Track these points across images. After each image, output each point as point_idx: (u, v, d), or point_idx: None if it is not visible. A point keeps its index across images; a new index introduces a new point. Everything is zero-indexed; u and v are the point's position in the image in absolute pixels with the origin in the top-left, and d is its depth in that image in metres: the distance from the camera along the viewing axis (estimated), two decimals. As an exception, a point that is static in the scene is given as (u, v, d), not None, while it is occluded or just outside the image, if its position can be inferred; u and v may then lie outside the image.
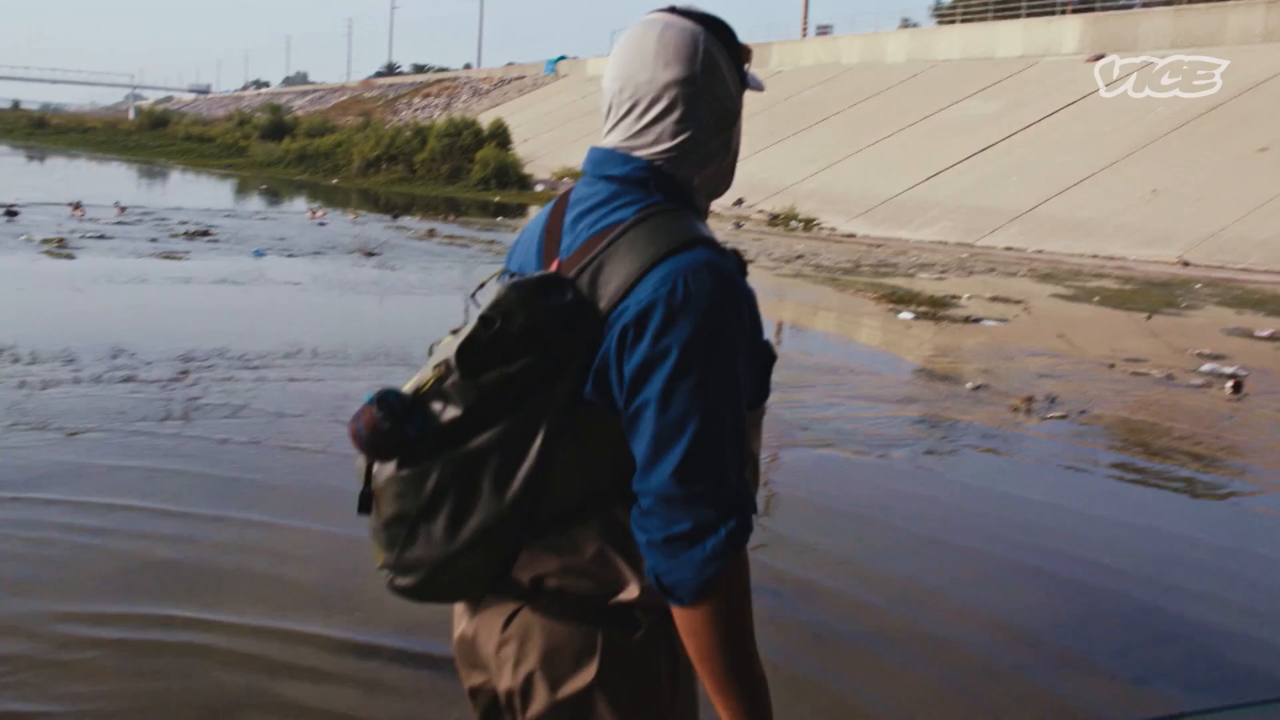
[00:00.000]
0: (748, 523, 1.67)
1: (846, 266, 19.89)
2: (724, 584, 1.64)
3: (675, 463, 1.63)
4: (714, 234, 1.80)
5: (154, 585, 4.75)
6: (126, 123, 75.65)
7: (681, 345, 1.64)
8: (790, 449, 7.53)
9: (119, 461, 6.35)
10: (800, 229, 29.44)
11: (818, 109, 42.15)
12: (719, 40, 1.85)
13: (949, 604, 5.12)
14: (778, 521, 6.10)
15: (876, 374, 10.30)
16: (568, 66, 68.85)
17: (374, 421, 1.70)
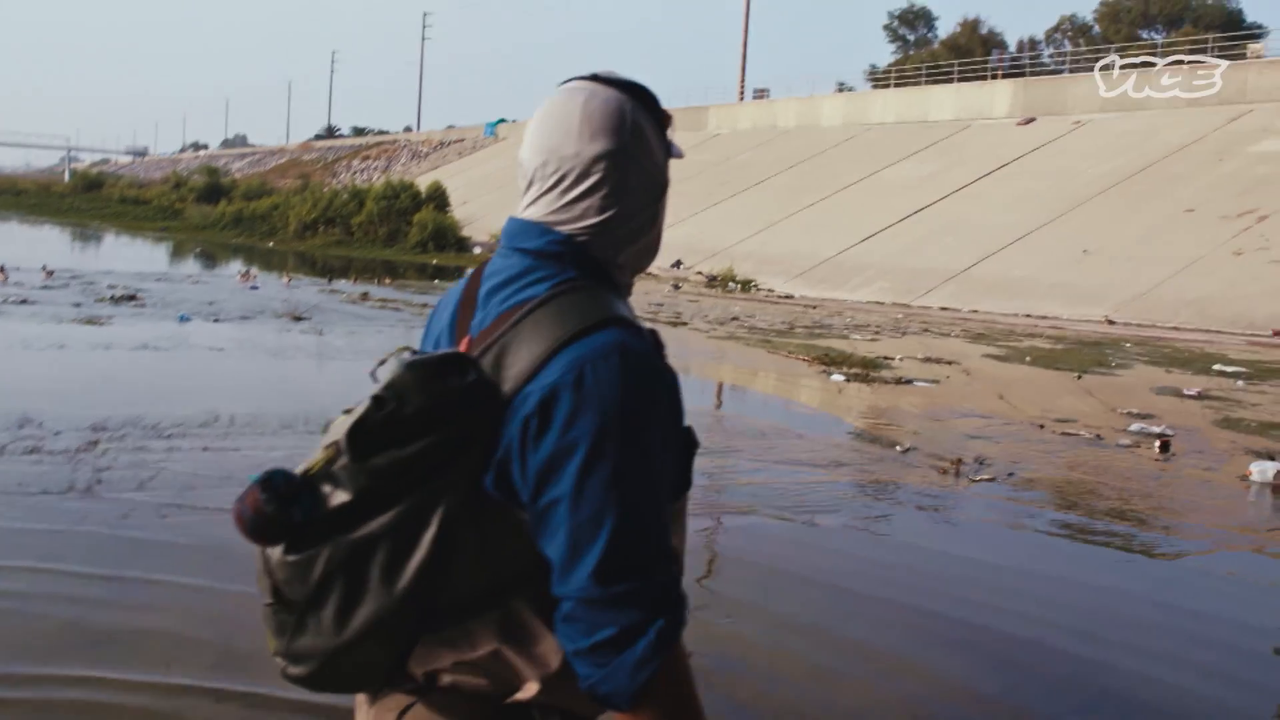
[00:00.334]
0: (679, 619, 1.56)
1: (781, 328, 19.89)
2: (663, 684, 1.54)
3: (594, 563, 1.52)
4: (630, 312, 1.71)
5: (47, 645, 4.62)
6: (61, 185, 74.90)
7: (591, 437, 1.53)
8: (713, 514, 7.39)
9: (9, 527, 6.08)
10: (738, 290, 29.56)
11: (755, 171, 42.55)
12: (644, 108, 1.77)
13: (880, 656, 4.99)
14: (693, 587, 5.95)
15: (806, 437, 10.20)
16: (507, 129, 69.10)
17: (257, 504, 1.58)
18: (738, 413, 11.49)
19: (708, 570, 6.38)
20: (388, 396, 1.57)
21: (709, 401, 12.38)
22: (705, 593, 5.95)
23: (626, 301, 1.78)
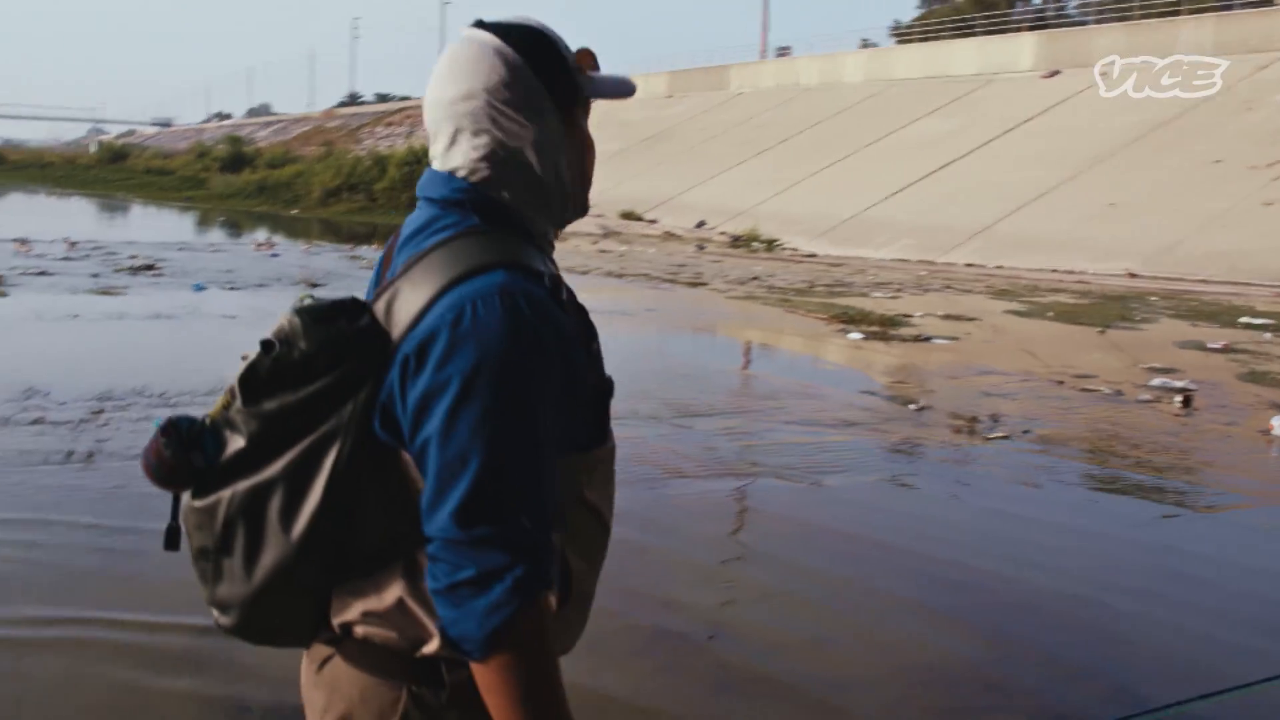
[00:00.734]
0: (540, 571, 1.51)
1: (801, 287, 19.71)
2: (517, 637, 1.49)
3: (456, 503, 1.49)
4: (542, 261, 1.67)
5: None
6: (86, 157, 75.09)
7: (463, 376, 1.50)
8: (718, 475, 7.29)
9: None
10: (762, 250, 29.35)
11: (778, 130, 42.18)
12: (522, 49, 1.68)
13: (883, 623, 4.91)
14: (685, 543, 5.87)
15: (818, 397, 10.08)
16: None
17: (158, 449, 1.60)
18: (748, 372, 11.36)
19: (705, 532, 6.29)
20: (274, 340, 1.57)
21: (719, 361, 12.25)
22: (694, 553, 5.88)
23: (542, 250, 1.72)
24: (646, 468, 7.48)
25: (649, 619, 5.00)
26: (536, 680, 1.51)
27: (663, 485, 7.10)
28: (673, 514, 6.57)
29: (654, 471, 7.41)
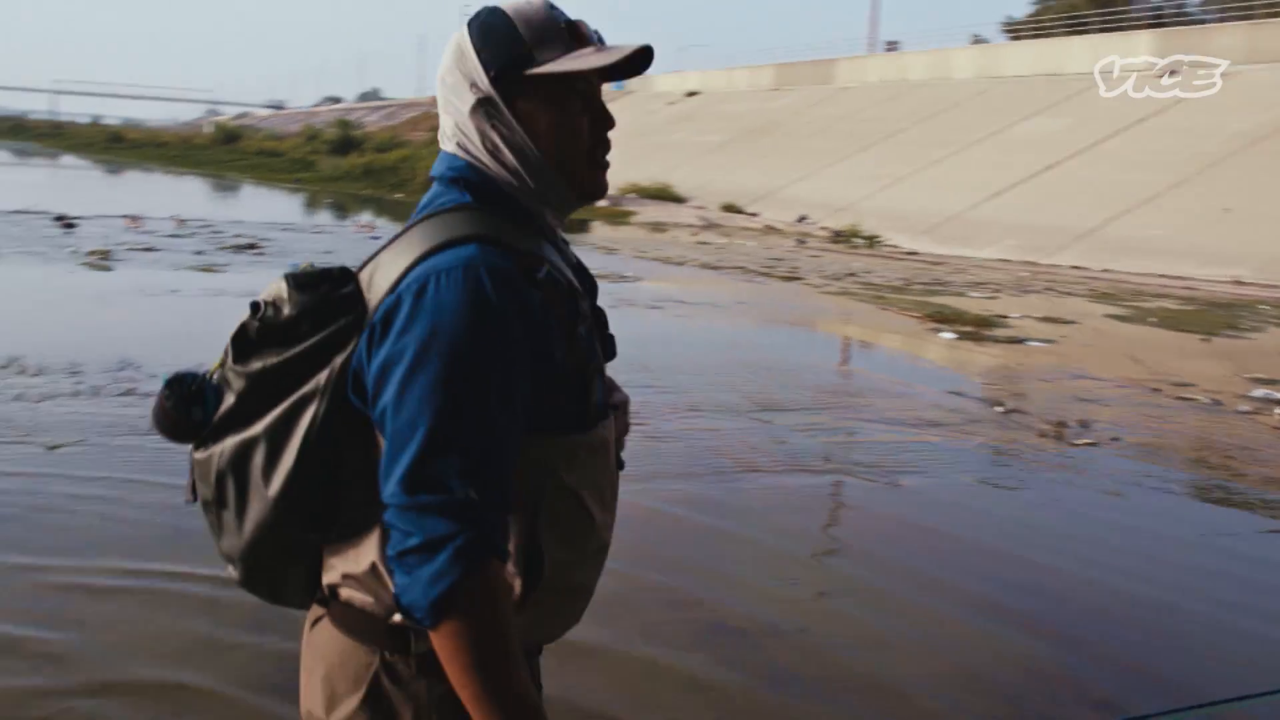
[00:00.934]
0: (486, 540, 1.52)
1: (897, 284, 19.44)
2: (463, 604, 1.50)
3: (403, 470, 1.52)
4: (529, 241, 1.68)
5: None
6: (201, 137, 76.81)
7: (418, 344, 1.53)
8: (789, 473, 7.21)
9: (88, 473, 6.20)
10: (863, 247, 29.03)
11: (884, 125, 41.68)
12: (473, 30, 1.71)
13: (941, 621, 4.81)
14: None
15: (903, 396, 9.92)
16: (635, 83, 68.81)
17: (161, 401, 1.69)
18: (833, 369, 11.22)
19: (771, 524, 6.22)
20: (263, 304, 1.64)
21: (805, 356, 12.12)
22: (757, 551, 5.82)
23: (535, 230, 1.73)
24: (721, 460, 7.44)
25: (703, 614, 4.95)
26: (486, 649, 1.51)
27: (734, 479, 7.04)
28: (738, 507, 6.51)
29: (727, 464, 7.35)
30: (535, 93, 1.69)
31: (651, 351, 11.25)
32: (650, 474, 6.99)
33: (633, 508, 6.44)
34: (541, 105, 1.69)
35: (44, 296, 12.84)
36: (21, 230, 19.80)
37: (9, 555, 5.15)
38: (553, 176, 1.71)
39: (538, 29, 1.68)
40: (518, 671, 1.53)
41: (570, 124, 1.71)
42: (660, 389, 9.42)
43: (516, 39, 1.67)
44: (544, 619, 1.73)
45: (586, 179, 1.74)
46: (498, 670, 1.51)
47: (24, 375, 8.42)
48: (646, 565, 5.45)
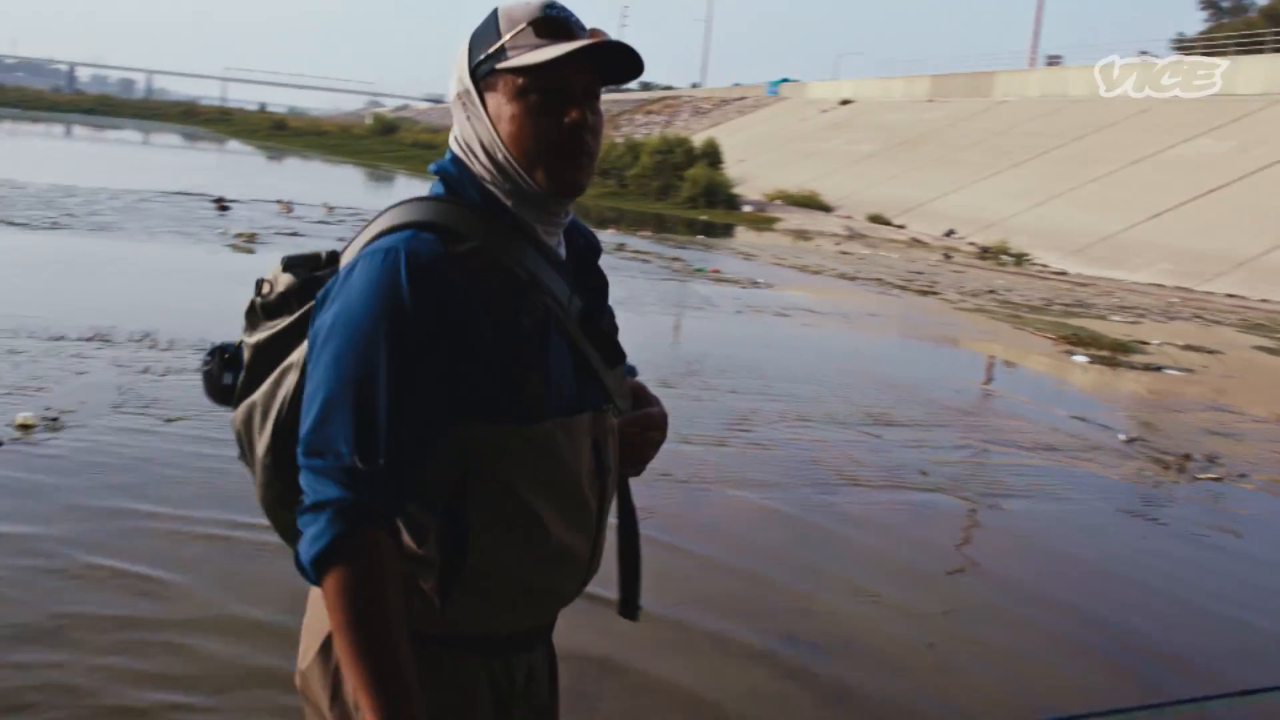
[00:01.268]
0: (363, 508, 1.60)
1: (1037, 304, 18.98)
2: (340, 566, 1.58)
3: (302, 435, 1.64)
4: (471, 225, 1.71)
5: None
6: (360, 128, 78.75)
7: (330, 320, 1.64)
8: (888, 490, 7.10)
9: (189, 450, 6.43)
10: (1010, 264, 28.42)
11: (1040, 141, 40.72)
12: (476, 29, 1.78)
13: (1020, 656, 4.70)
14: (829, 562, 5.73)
15: (1022, 417, 9.70)
16: (790, 89, 68.53)
17: (203, 368, 1.87)
18: (953, 386, 10.99)
19: (855, 547, 6.13)
20: (261, 281, 1.81)
21: (925, 372, 11.89)
22: (841, 568, 5.74)
23: (504, 223, 1.75)
24: (821, 471, 7.37)
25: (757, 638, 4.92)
26: (356, 610, 1.57)
27: (831, 491, 6.96)
28: (829, 519, 6.44)
29: (827, 475, 7.28)
30: (503, 88, 1.72)
31: (769, 359, 11.21)
32: (745, 481, 6.97)
33: (720, 511, 6.45)
34: (506, 100, 1.72)
35: (186, 275, 13.33)
36: (179, 211, 20.60)
37: (126, 502, 5.61)
38: (520, 170, 1.74)
39: (517, 26, 1.70)
40: (389, 637, 1.58)
41: (533, 119, 1.71)
42: (771, 396, 9.37)
43: (494, 36, 1.72)
44: (494, 612, 1.76)
45: (553, 174, 1.73)
46: (366, 632, 1.57)
47: (154, 349, 8.76)
48: (724, 570, 5.44)
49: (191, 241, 16.36)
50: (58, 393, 7.32)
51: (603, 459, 1.85)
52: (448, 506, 1.69)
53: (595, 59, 1.72)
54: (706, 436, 7.88)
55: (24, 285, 11.53)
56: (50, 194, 21.54)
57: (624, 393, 1.93)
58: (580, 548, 1.82)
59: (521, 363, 1.69)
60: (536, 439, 1.72)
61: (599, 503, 1.84)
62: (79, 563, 4.84)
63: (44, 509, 5.42)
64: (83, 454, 6.25)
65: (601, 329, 1.87)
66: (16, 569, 4.73)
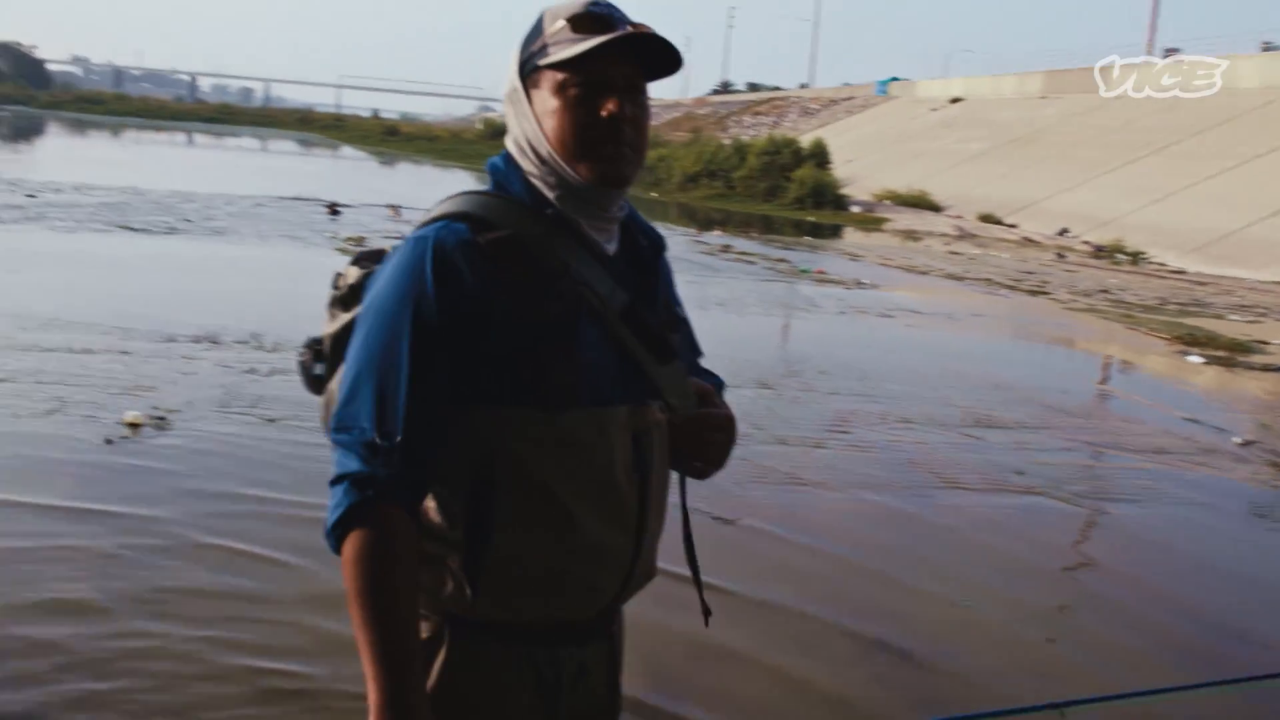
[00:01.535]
0: (377, 482, 1.65)
1: (1151, 304, 18.51)
2: (353, 537, 1.64)
3: (334, 410, 1.73)
4: (505, 215, 1.75)
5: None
6: (470, 132, 79.71)
7: (365, 304, 1.75)
8: (990, 493, 6.96)
9: (291, 449, 6.55)
10: (1126, 263, 27.77)
11: (1158, 136, 39.68)
12: (527, 29, 1.81)
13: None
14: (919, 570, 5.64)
15: (1132, 420, 9.45)
16: (899, 88, 67.74)
17: (299, 358, 1.98)
18: (1060, 388, 10.74)
19: (958, 546, 6.02)
20: (338, 276, 1.91)
21: (1031, 373, 11.65)
22: (945, 566, 5.64)
23: (545, 216, 1.78)
24: (920, 474, 7.26)
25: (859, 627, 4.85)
26: (366, 582, 1.63)
27: (930, 494, 6.86)
28: (929, 522, 6.34)
29: (929, 478, 7.17)
30: (545, 84, 1.76)
31: (871, 360, 11.09)
32: (845, 483, 6.90)
33: (818, 511, 6.38)
34: (548, 95, 1.76)
35: (295, 278, 13.59)
36: (292, 216, 21.07)
37: (233, 487, 5.92)
38: (562, 163, 1.76)
39: (559, 23, 1.73)
40: (394, 607, 1.63)
41: (571, 111, 1.74)
42: (873, 398, 9.26)
43: (537, 34, 1.76)
44: (523, 600, 1.77)
45: (594, 165, 1.75)
46: (373, 601, 1.63)
47: (260, 350, 8.95)
48: (828, 565, 5.39)
49: (302, 245, 16.73)
50: (166, 392, 7.51)
51: (644, 454, 1.83)
52: (473, 490, 1.71)
53: (636, 52, 1.74)
54: (805, 438, 7.82)
55: (138, 288, 11.88)
56: (170, 200, 22.19)
57: (682, 392, 1.89)
58: (617, 543, 1.80)
59: (546, 349, 1.70)
60: (561, 426, 1.72)
61: (640, 499, 1.82)
62: (188, 541, 5.12)
63: (155, 493, 5.68)
64: (189, 449, 6.42)
65: (648, 324, 1.83)
66: (127, 546, 5.00)
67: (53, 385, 7.47)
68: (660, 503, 1.90)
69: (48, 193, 21.62)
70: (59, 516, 5.30)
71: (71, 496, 5.54)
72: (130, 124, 76.73)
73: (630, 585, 1.87)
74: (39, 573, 4.66)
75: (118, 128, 69.69)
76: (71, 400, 7.17)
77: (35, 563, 4.76)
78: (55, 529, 5.15)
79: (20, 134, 53.66)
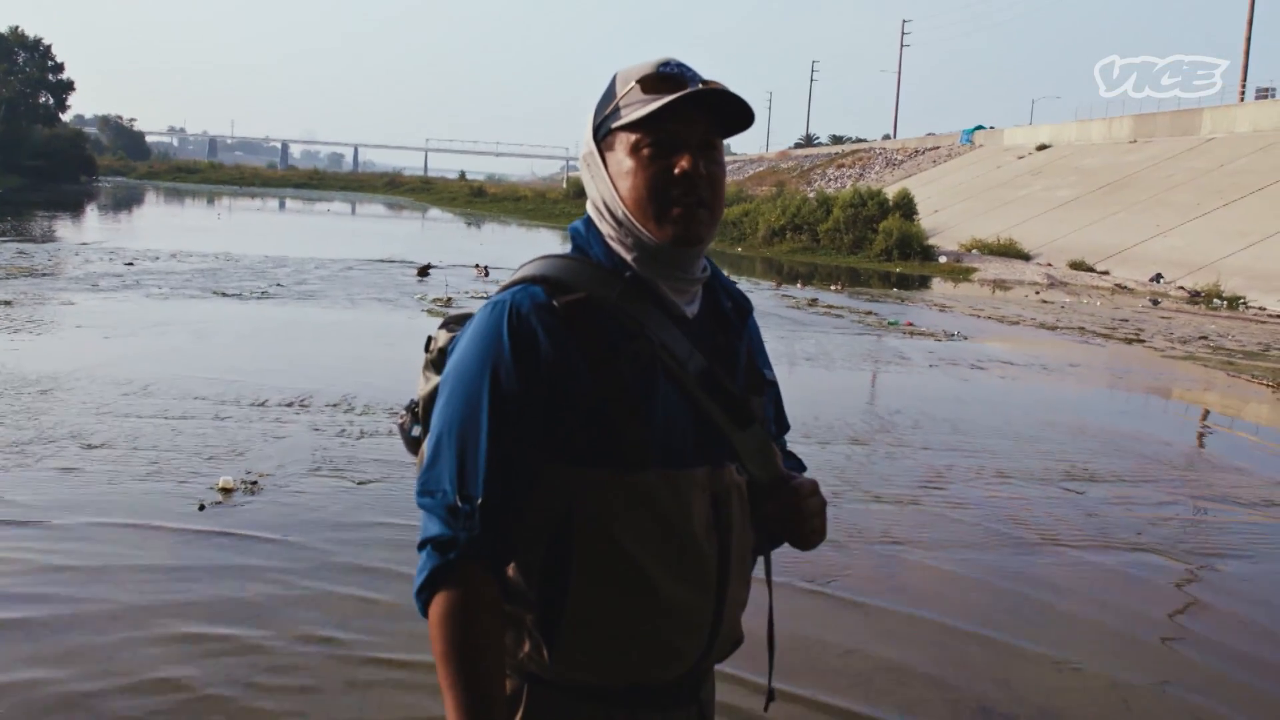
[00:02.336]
0: (460, 545, 1.67)
1: (1253, 350, 18.02)
2: (434, 599, 1.68)
3: (419, 475, 1.76)
4: (584, 278, 1.76)
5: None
6: (555, 191, 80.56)
7: (448, 369, 1.77)
8: (1094, 550, 6.74)
9: (381, 513, 6.55)
10: (1223, 308, 27.14)
11: (1253, 178, 38.88)
12: (602, 93, 1.84)
13: None
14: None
15: (1240, 472, 9.13)
16: (984, 136, 67.24)
17: (399, 420, 2.04)
18: (1162, 439, 10.44)
19: (1058, 612, 5.81)
20: (430, 339, 1.96)
21: (1131, 424, 11.35)
22: (1043, 634, 5.44)
23: (622, 278, 1.78)
24: (1021, 530, 7.06)
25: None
26: (450, 644, 1.65)
27: (1030, 551, 6.65)
28: (1031, 581, 6.14)
29: (1028, 535, 6.97)
30: (619, 146, 1.77)
31: (964, 413, 10.88)
32: (943, 541, 6.73)
33: (913, 573, 6.22)
34: (623, 156, 1.78)
35: (384, 340, 13.74)
36: (381, 278, 21.37)
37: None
38: (637, 224, 1.77)
39: (631, 86, 1.76)
40: (476, 670, 1.65)
41: (645, 171, 1.75)
42: (968, 452, 9.06)
43: (611, 97, 1.80)
44: (600, 660, 1.75)
45: (668, 224, 1.76)
46: (456, 664, 1.65)
47: (350, 413, 9.01)
48: (916, 635, 5.24)
49: (391, 307, 16.92)
50: (257, 456, 7.57)
51: (723, 515, 1.81)
52: (549, 549, 1.71)
53: (708, 109, 1.75)
54: (900, 495, 7.66)
55: (232, 353, 12.06)
56: (262, 265, 22.64)
57: (762, 458, 1.85)
58: (696, 605, 1.78)
59: (620, 411, 1.70)
60: (637, 486, 1.71)
61: (720, 560, 1.80)
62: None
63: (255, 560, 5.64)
64: (280, 512, 6.45)
65: (725, 388, 1.80)
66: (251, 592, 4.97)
67: (148, 450, 7.58)
68: (742, 565, 1.88)
69: (145, 260, 22.21)
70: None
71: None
72: (224, 191, 78.77)
73: (714, 649, 1.85)
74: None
75: (212, 195, 71.60)
76: (167, 466, 7.26)
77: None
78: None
79: (120, 204, 55.33)
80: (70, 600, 5.10)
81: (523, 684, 1.78)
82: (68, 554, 5.68)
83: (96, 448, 7.61)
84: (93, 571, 5.47)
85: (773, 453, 1.87)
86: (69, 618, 4.90)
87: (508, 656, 1.76)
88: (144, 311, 14.87)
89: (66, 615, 4.93)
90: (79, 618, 4.91)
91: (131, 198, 62.66)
